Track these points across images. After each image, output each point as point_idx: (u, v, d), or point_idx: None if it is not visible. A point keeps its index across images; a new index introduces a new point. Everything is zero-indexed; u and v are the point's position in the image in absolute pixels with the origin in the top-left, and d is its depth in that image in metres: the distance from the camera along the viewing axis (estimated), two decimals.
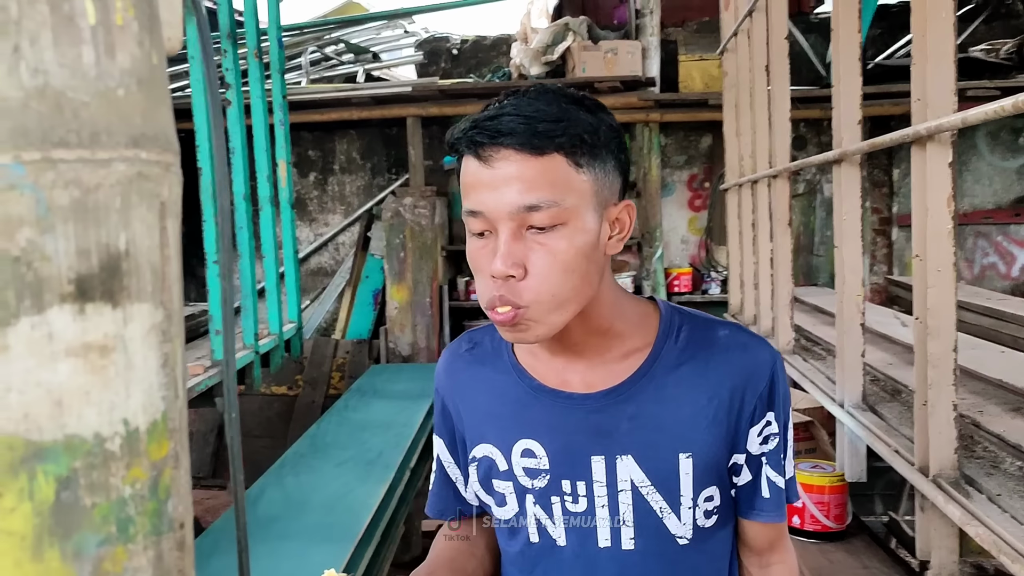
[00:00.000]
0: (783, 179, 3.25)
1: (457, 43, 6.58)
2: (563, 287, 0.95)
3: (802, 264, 6.06)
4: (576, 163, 0.93)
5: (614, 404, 1.06)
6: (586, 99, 0.98)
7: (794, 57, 5.61)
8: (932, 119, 1.73)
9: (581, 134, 0.93)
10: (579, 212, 0.94)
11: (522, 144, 0.91)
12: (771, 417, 1.07)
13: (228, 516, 2.76)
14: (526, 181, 0.91)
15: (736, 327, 1.11)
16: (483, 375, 1.15)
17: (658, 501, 1.05)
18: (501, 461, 1.11)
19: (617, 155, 0.99)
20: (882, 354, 2.97)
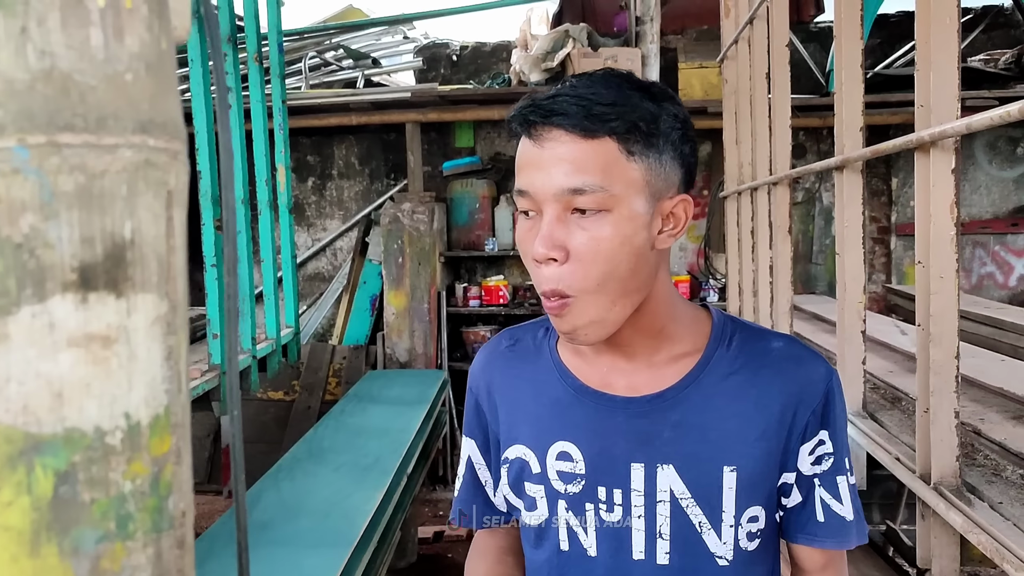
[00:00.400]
0: (783, 186, 3.25)
1: (457, 49, 6.58)
2: (608, 276, 0.92)
3: (800, 272, 6.06)
4: (628, 150, 0.91)
5: (658, 410, 1.02)
6: (654, 87, 0.96)
7: (794, 66, 5.61)
8: (935, 125, 1.73)
9: (636, 121, 0.91)
10: (626, 200, 0.91)
11: (573, 125, 0.90)
12: (824, 436, 1.02)
13: (224, 520, 2.74)
14: (574, 163, 0.90)
15: (791, 339, 1.06)
16: (523, 373, 1.12)
17: (698, 515, 1.01)
18: (535, 463, 1.08)
19: (679, 147, 0.95)
20: (882, 362, 2.96)
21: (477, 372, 1.19)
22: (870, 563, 2.52)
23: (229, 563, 2.39)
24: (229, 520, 2.74)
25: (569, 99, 0.90)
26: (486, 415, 1.17)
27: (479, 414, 1.18)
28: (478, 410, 1.18)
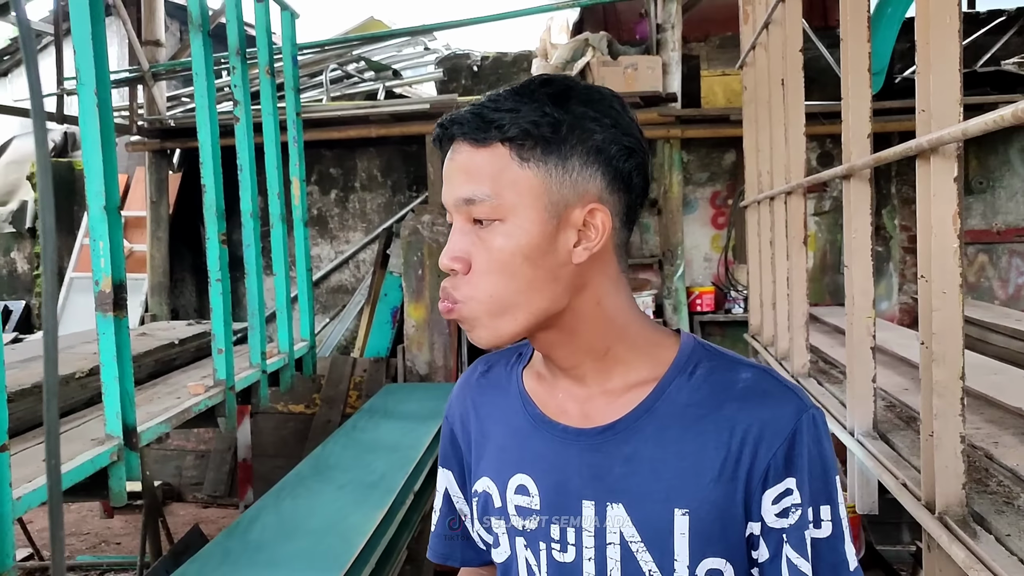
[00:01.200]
0: (798, 195, 3.14)
1: (477, 60, 6.54)
2: (501, 289, 0.88)
3: (828, 283, 5.91)
4: (520, 156, 0.87)
5: (611, 442, 0.94)
6: (577, 92, 0.89)
7: (819, 72, 5.51)
8: (936, 131, 1.63)
9: (531, 126, 0.86)
10: (520, 210, 0.87)
11: (466, 134, 0.88)
12: (791, 484, 0.89)
13: (218, 541, 2.70)
14: (468, 173, 0.88)
15: (764, 372, 0.94)
16: (493, 401, 1.06)
17: (648, 562, 0.91)
18: (496, 496, 1.01)
19: (597, 153, 0.88)
20: (899, 379, 2.83)
21: (453, 401, 1.13)
22: None
23: None
24: (223, 540, 2.69)
25: (471, 109, 0.88)
26: (460, 445, 1.10)
27: (454, 445, 1.11)
28: (453, 440, 1.11)
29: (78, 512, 5.71)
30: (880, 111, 5.01)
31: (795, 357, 3.17)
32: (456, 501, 1.12)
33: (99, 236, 2.44)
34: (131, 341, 2.57)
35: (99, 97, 2.41)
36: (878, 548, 3.54)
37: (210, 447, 6.07)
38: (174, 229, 6.58)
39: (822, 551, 0.91)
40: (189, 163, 6.71)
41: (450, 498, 1.13)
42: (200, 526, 4.40)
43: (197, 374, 3.78)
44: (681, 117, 5.68)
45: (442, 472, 1.13)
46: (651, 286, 5.99)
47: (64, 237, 7.30)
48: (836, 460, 0.93)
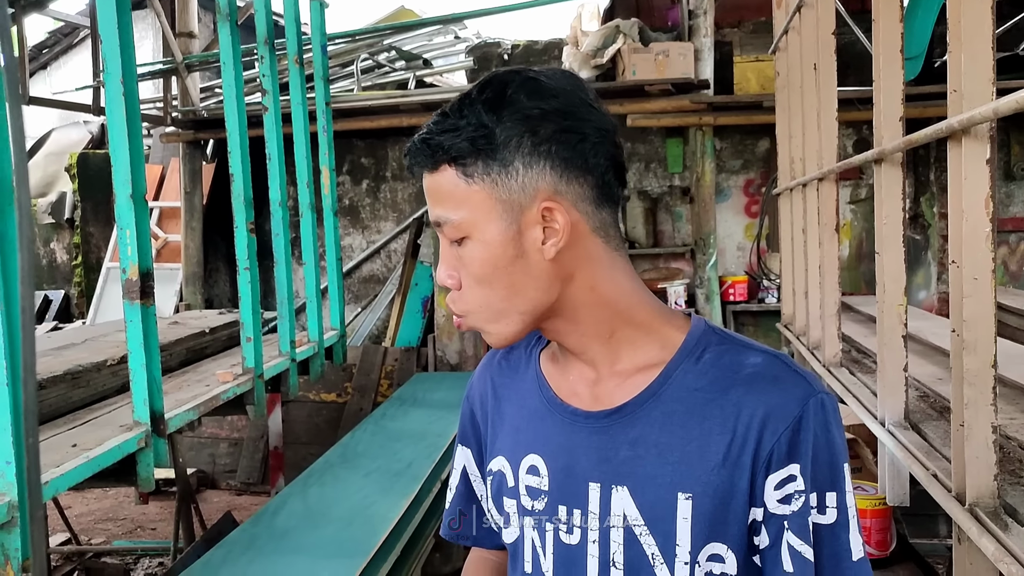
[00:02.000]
0: (830, 182, 3.08)
1: (508, 48, 6.51)
2: (488, 298, 0.93)
3: (864, 272, 5.81)
4: (465, 173, 0.89)
5: (617, 425, 0.94)
6: (507, 89, 0.89)
7: (855, 56, 5.40)
8: (968, 111, 1.58)
9: (466, 142, 0.88)
10: (479, 224, 0.90)
11: (419, 163, 0.92)
12: (795, 470, 0.88)
13: (244, 528, 2.72)
14: (432, 197, 0.93)
15: (774, 356, 0.93)
16: (512, 383, 1.07)
17: (651, 546, 0.91)
18: (510, 476, 1.03)
19: (537, 148, 0.88)
20: (934, 368, 2.77)
21: (474, 381, 1.15)
22: None
23: (243, 570, 2.36)
24: (249, 527, 2.71)
25: (421, 135, 0.92)
26: (479, 425, 1.11)
27: (474, 424, 1.13)
28: (472, 419, 1.13)
29: (115, 498, 5.80)
30: (919, 96, 4.91)
31: (827, 346, 3.11)
32: (474, 480, 1.13)
33: (126, 224, 2.46)
34: (162, 330, 2.60)
35: (125, 86, 2.43)
36: (912, 541, 3.47)
37: (243, 435, 6.14)
38: (208, 219, 6.65)
39: (824, 538, 0.90)
40: (222, 154, 6.76)
41: (467, 476, 1.14)
42: (233, 513, 4.44)
43: (227, 362, 3.81)
44: (713, 104, 5.60)
45: (461, 450, 1.15)
46: (683, 275, 5.94)
47: (101, 228, 7.41)
48: (846, 448, 0.91)
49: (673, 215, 6.10)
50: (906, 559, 2.49)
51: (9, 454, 1.86)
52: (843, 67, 3.17)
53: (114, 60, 2.42)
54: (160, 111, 6.38)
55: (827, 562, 0.90)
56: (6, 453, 1.87)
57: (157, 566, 4.69)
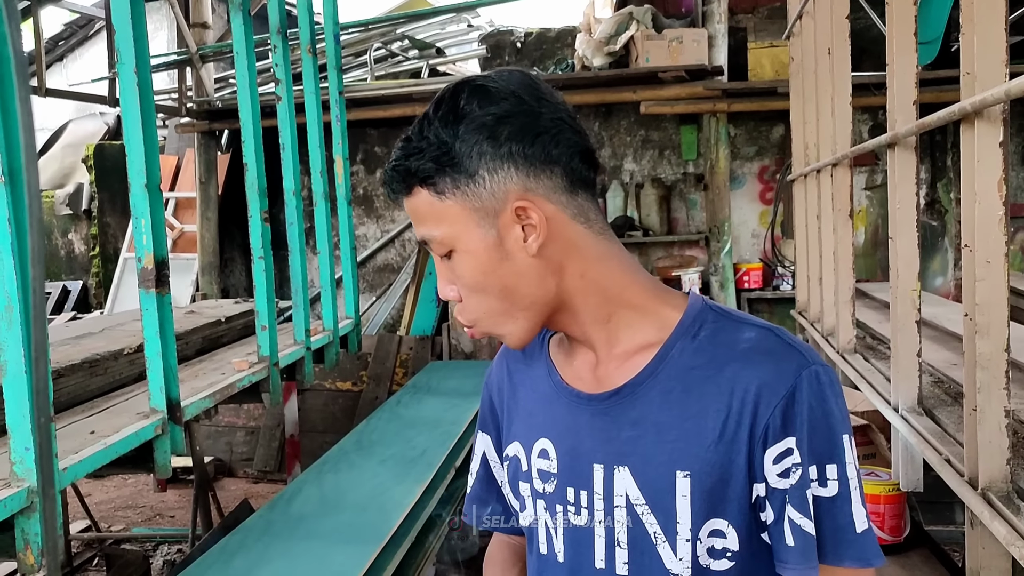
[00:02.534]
0: (844, 167, 3.06)
1: (521, 36, 6.50)
2: (487, 304, 0.95)
3: (881, 258, 5.77)
4: (437, 191, 0.91)
5: (618, 407, 0.96)
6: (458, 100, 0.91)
7: (871, 41, 5.35)
8: (980, 93, 1.57)
9: (430, 161, 0.90)
10: (460, 236, 0.92)
11: (395, 190, 0.95)
12: (791, 443, 0.89)
13: (260, 514, 2.74)
14: (413, 218, 0.96)
15: (770, 330, 0.94)
16: (526, 370, 1.10)
17: (653, 524, 0.93)
18: (523, 460, 1.05)
19: (495, 153, 0.90)
20: (949, 354, 2.75)
21: (492, 369, 1.18)
22: (930, 569, 2.35)
23: (259, 556, 2.39)
24: (265, 513, 2.73)
25: (390, 163, 0.95)
26: (498, 412, 1.14)
27: (493, 411, 1.15)
28: (492, 407, 1.16)
29: (133, 486, 5.87)
30: (935, 80, 4.86)
31: (841, 333, 3.10)
32: (494, 466, 1.15)
33: (141, 214, 2.48)
34: (178, 319, 2.62)
35: (139, 76, 2.44)
36: (928, 528, 3.46)
37: (259, 424, 6.18)
38: (223, 209, 6.69)
39: (826, 511, 0.90)
40: (237, 144, 6.78)
41: (487, 462, 1.16)
42: (249, 500, 4.48)
43: (243, 351, 3.84)
44: (728, 90, 5.57)
45: (481, 436, 1.17)
46: (698, 263, 5.92)
47: (118, 219, 7.47)
48: (846, 419, 0.91)
49: (687, 202, 6.08)
50: (920, 545, 2.48)
51: (28, 440, 1.88)
52: (858, 52, 3.15)
53: (128, 51, 2.43)
54: (175, 102, 6.41)
55: (830, 535, 0.90)
56: (25, 439, 1.89)
57: (176, 552, 4.75)
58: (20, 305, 1.86)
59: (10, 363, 1.87)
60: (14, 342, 1.87)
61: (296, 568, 2.26)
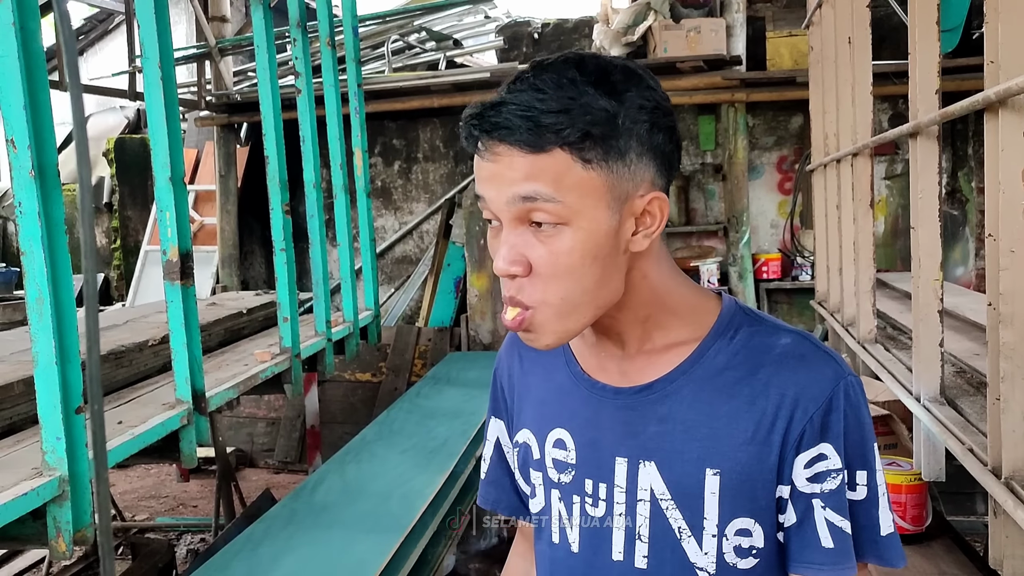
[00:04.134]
0: (864, 157, 3.05)
1: (539, 27, 6.49)
2: (572, 291, 0.86)
3: (901, 248, 5.74)
4: (583, 159, 0.83)
5: (646, 402, 0.95)
6: (616, 73, 0.86)
7: (891, 29, 5.32)
8: (1005, 82, 1.56)
9: (590, 126, 0.82)
10: (586, 211, 0.84)
11: (519, 141, 0.82)
12: (827, 449, 0.89)
13: (284, 503, 2.78)
14: (525, 175, 0.83)
15: (803, 337, 0.94)
16: (538, 358, 1.08)
17: (677, 519, 0.93)
18: (536, 448, 1.05)
19: (648, 140, 0.86)
20: (971, 344, 2.75)
21: (502, 355, 1.16)
22: (952, 559, 2.35)
23: (283, 545, 2.42)
24: (289, 502, 2.77)
25: (514, 109, 0.83)
26: (507, 398, 1.14)
27: (504, 397, 1.15)
28: (503, 393, 1.15)
29: (157, 476, 5.93)
30: (957, 68, 4.83)
31: (861, 323, 3.10)
32: (507, 451, 1.15)
33: (165, 207, 2.51)
34: (201, 311, 2.65)
35: (163, 71, 2.47)
36: (949, 519, 3.46)
37: (280, 414, 6.23)
38: (243, 202, 6.73)
39: (856, 513, 0.92)
40: (256, 137, 6.83)
41: (501, 447, 1.15)
42: (271, 490, 4.53)
43: (264, 342, 3.88)
44: (746, 80, 5.55)
45: (494, 422, 1.17)
46: (716, 253, 5.91)
47: (139, 212, 7.53)
48: (873, 429, 0.93)
49: (705, 193, 6.07)
50: (942, 535, 2.48)
51: (59, 429, 1.92)
52: (878, 40, 3.13)
53: (152, 46, 2.46)
54: (194, 95, 6.45)
55: (858, 536, 0.92)
56: (56, 429, 1.93)
57: (199, 542, 4.80)
58: (50, 297, 1.89)
59: (41, 354, 1.91)
60: (45, 334, 1.90)
61: (321, 556, 2.29)
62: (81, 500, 2.01)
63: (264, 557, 2.27)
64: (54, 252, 1.91)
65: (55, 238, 1.91)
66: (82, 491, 2.02)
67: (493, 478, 1.17)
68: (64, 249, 1.92)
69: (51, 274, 1.90)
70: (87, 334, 0.56)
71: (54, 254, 1.91)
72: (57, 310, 1.92)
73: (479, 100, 0.90)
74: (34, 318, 1.90)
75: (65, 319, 1.94)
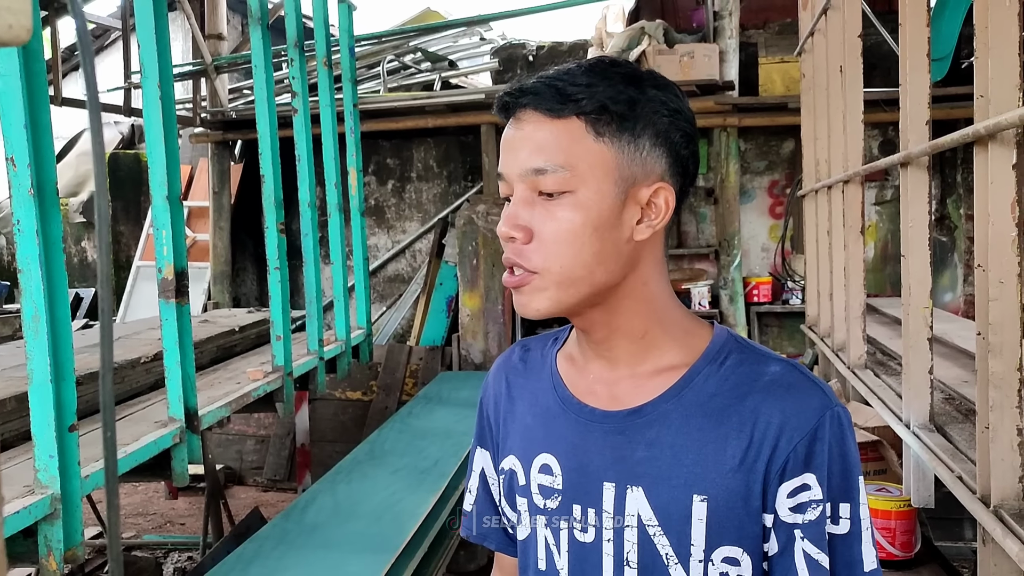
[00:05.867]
0: (855, 184, 3.09)
1: (533, 50, 6.55)
2: (571, 259, 0.89)
3: (890, 273, 5.79)
4: (596, 131, 0.88)
5: (634, 426, 0.95)
6: (647, 75, 0.92)
7: (882, 58, 5.38)
8: (994, 117, 1.59)
9: (608, 102, 0.87)
10: (591, 182, 0.88)
11: (539, 105, 0.88)
12: (810, 480, 0.89)
13: (275, 523, 2.77)
14: (539, 142, 0.89)
15: (792, 366, 0.95)
16: (527, 384, 1.08)
17: (665, 546, 0.93)
18: (521, 474, 1.04)
19: (665, 135, 0.91)
20: (959, 371, 2.78)
21: (489, 380, 1.15)
22: None
23: (274, 565, 2.41)
24: (280, 522, 2.76)
25: (543, 80, 0.89)
26: (493, 426, 1.12)
27: (489, 425, 1.13)
28: (488, 421, 1.14)
29: (144, 494, 5.89)
30: (945, 97, 4.89)
31: (851, 348, 3.12)
32: (491, 483, 1.14)
33: (162, 225, 2.52)
34: (193, 328, 2.66)
35: (162, 90, 2.48)
36: (938, 544, 3.47)
37: (270, 432, 6.21)
38: (236, 219, 6.74)
39: (837, 548, 0.91)
40: (250, 154, 6.85)
41: (486, 479, 1.14)
42: (260, 509, 4.51)
43: (257, 360, 3.88)
44: (738, 105, 5.61)
45: (480, 452, 1.15)
46: (707, 276, 5.94)
47: (131, 227, 7.53)
48: (859, 461, 0.93)
49: (697, 216, 6.11)
50: (931, 561, 2.49)
51: (52, 447, 1.92)
52: (869, 68, 3.18)
53: (152, 65, 2.48)
54: (189, 112, 6.47)
55: (840, 572, 0.92)
56: (49, 447, 1.93)
57: (187, 560, 4.77)
58: (46, 315, 1.90)
59: (36, 372, 1.91)
60: (40, 352, 1.91)
61: None
62: (72, 519, 2.01)
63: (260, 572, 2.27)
64: (51, 270, 1.92)
65: (52, 256, 1.92)
66: (74, 509, 2.02)
67: (478, 510, 1.15)
68: (61, 267, 1.93)
69: (47, 292, 1.90)
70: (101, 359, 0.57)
71: (51, 272, 1.91)
72: (53, 328, 1.92)
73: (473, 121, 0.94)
74: (30, 335, 1.90)
75: (60, 337, 1.95)
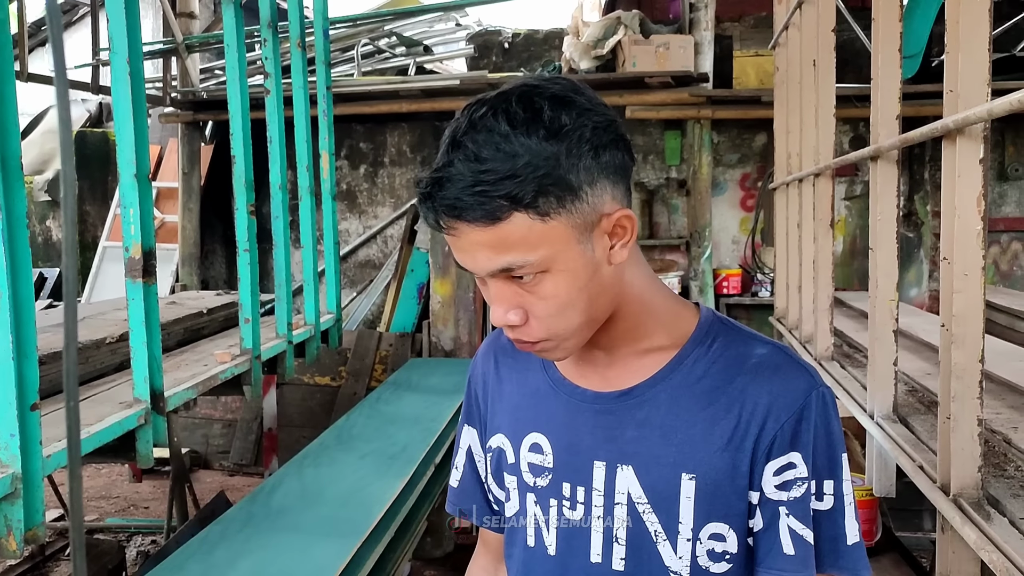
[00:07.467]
0: (826, 178, 3.11)
1: (509, 37, 6.52)
2: (572, 320, 0.91)
3: (858, 268, 5.85)
4: (541, 215, 0.83)
5: (625, 407, 0.98)
6: (543, 113, 0.84)
7: (854, 54, 5.43)
8: (963, 111, 1.61)
9: (537, 184, 0.82)
10: (559, 256, 0.86)
11: (475, 218, 0.83)
12: (796, 458, 0.92)
13: (241, 506, 2.75)
14: (491, 247, 0.85)
15: (778, 348, 0.97)
16: (516, 364, 1.10)
17: (654, 523, 0.96)
18: (510, 453, 1.06)
19: (595, 165, 0.86)
20: (923, 363, 2.82)
21: (477, 361, 1.17)
22: (900, 573, 2.40)
23: (239, 548, 2.40)
24: (246, 505, 2.74)
25: (461, 185, 0.82)
26: (481, 405, 1.14)
27: (477, 404, 1.15)
28: (476, 399, 1.16)
29: (108, 476, 5.83)
30: (916, 94, 4.93)
31: (819, 340, 3.16)
32: (478, 460, 1.16)
33: (129, 204, 2.48)
34: (160, 309, 2.62)
35: (131, 66, 2.44)
36: (898, 534, 3.53)
37: (237, 416, 6.16)
38: (205, 200, 6.66)
39: (822, 523, 0.95)
40: (221, 135, 6.76)
41: (472, 456, 1.16)
42: (225, 493, 4.48)
43: (225, 343, 3.84)
44: (712, 98, 5.63)
45: (467, 429, 1.17)
46: (678, 267, 5.97)
47: (98, 207, 7.42)
48: (843, 439, 0.96)
49: (669, 207, 6.13)
50: (891, 549, 2.53)
51: (13, 426, 1.89)
52: (841, 64, 3.20)
53: (121, 41, 2.43)
54: (159, 91, 6.38)
55: (824, 546, 0.95)
56: (10, 425, 1.90)
57: (150, 544, 4.73)
58: (8, 292, 1.87)
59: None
60: (2, 329, 1.87)
61: (277, 560, 2.27)
62: (33, 498, 1.98)
63: (219, 560, 2.25)
64: (14, 247, 1.88)
65: (16, 233, 1.88)
66: (34, 489, 1.99)
67: (464, 486, 1.17)
68: (25, 244, 1.90)
69: (10, 268, 1.87)
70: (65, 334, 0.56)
71: (14, 249, 1.88)
72: (15, 305, 1.89)
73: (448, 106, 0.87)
74: None
75: (23, 315, 1.91)
